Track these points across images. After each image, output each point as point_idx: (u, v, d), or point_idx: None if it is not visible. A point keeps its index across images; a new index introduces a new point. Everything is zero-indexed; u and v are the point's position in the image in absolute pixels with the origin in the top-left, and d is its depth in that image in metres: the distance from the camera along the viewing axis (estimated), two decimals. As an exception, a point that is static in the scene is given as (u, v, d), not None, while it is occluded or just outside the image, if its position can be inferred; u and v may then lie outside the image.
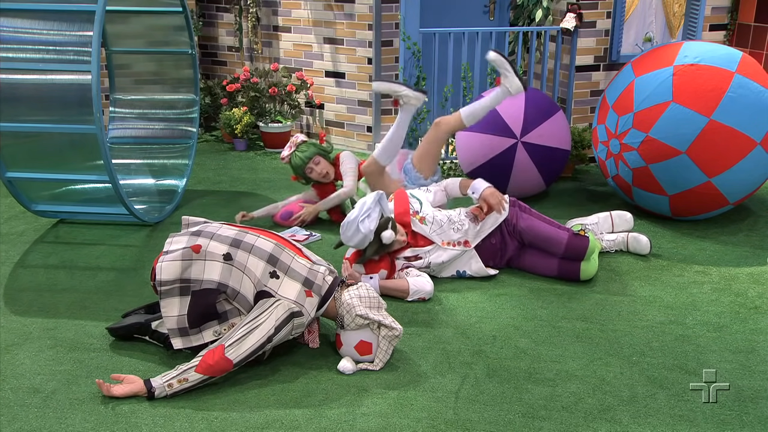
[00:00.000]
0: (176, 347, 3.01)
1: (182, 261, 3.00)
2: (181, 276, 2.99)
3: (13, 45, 4.06)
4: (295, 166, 4.56)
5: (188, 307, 2.98)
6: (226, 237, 3.06)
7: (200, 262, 2.99)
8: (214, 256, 3.00)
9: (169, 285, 2.99)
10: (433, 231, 3.78)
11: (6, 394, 2.86)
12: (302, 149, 4.53)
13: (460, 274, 3.85)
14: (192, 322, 2.98)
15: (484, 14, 6.32)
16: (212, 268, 2.98)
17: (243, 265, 2.99)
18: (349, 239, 3.58)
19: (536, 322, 3.43)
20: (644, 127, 4.33)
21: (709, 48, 4.42)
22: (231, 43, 6.84)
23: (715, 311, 3.53)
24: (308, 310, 2.98)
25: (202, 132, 6.82)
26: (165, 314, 3.00)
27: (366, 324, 2.99)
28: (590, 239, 3.76)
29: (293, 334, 2.97)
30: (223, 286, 2.98)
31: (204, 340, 3.00)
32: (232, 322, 3.01)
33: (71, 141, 4.33)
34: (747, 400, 2.82)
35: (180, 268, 2.99)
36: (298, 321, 2.94)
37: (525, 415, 2.73)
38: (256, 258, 3.01)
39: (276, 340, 2.90)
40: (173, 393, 2.81)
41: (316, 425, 2.67)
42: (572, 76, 5.62)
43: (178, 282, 2.99)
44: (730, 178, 4.27)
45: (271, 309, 2.91)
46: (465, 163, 5.01)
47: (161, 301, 3.01)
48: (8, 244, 4.35)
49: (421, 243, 3.77)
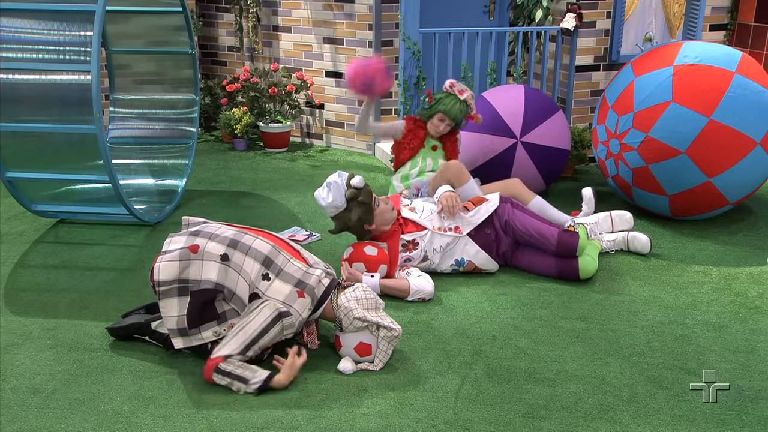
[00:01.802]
0: (177, 347, 3.02)
1: (180, 261, 3.00)
2: (179, 276, 2.99)
3: (13, 45, 4.06)
4: (456, 111, 4.40)
5: (187, 307, 2.98)
6: (224, 237, 3.06)
7: (198, 262, 3.00)
8: (211, 257, 3.00)
9: (167, 285, 2.99)
10: (424, 217, 3.84)
11: (6, 394, 2.86)
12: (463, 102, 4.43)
13: (459, 263, 3.86)
14: (191, 322, 2.98)
15: (484, 14, 6.32)
16: (209, 268, 2.99)
17: (239, 266, 3.00)
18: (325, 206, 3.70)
19: (536, 322, 3.43)
20: (644, 127, 4.33)
21: (709, 48, 4.42)
22: (231, 43, 6.84)
23: (715, 311, 3.53)
24: (298, 310, 2.97)
25: (202, 132, 6.82)
26: (164, 314, 3.00)
27: (365, 326, 2.99)
28: (580, 235, 3.77)
29: (285, 335, 2.97)
30: (220, 287, 2.98)
31: (204, 340, 3.01)
32: (231, 322, 3.01)
33: (71, 141, 4.33)
34: (747, 400, 2.82)
35: (178, 269, 2.99)
36: (287, 321, 2.93)
37: (525, 415, 2.73)
38: (252, 260, 3.01)
39: (265, 340, 2.90)
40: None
41: (316, 425, 2.67)
42: (572, 76, 5.62)
43: (177, 282, 2.99)
44: (730, 178, 4.27)
45: (258, 310, 2.92)
46: (465, 163, 4.98)
47: (160, 301, 3.01)
48: (8, 244, 4.35)
49: (413, 230, 3.82)
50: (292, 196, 5.16)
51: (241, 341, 2.87)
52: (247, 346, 2.88)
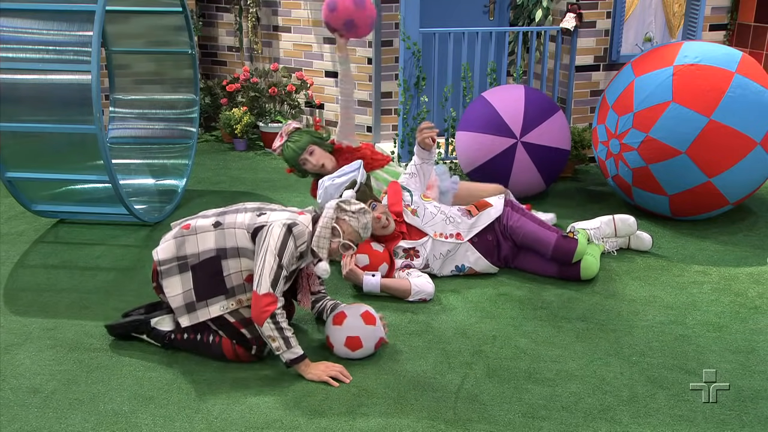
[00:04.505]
0: (183, 325, 3.04)
1: (175, 240, 3.08)
2: (177, 254, 3.05)
3: (13, 45, 4.06)
4: (288, 158, 4.14)
5: (192, 281, 3.03)
6: (212, 212, 3.17)
7: (192, 237, 3.06)
8: (204, 229, 3.06)
9: (167, 264, 3.05)
10: (425, 223, 3.81)
11: (6, 394, 2.87)
12: (294, 138, 4.11)
13: (460, 269, 3.86)
14: (199, 294, 3.02)
15: (484, 14, 6.32)
16: (205, 238, 3.05)
17: (232, 223, 3.04)
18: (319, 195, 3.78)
19: (536, 322, 3.43)
20: (644, 127, 4.33)
21: (709, 48, 4.42)
22: (231, 43, 6.84)
23: (715, 311, 3.53)
24: (304, 222, 3.00)
25: (202, 132, 6.82)
26: (169, 294, 3.04)
27: (328, 237, 3.02)
28: (579, 242, 3.75)
29: (299, 248, 2.95)
30: (221, 251, 3.02)
31: (210, 315, 3.03)
32: (239, 298, 3.04)
33: (71, 141, 4.33)
34: (747, 400, 2.82)
35: (174, 247, 3.06)
36: (297, 230, 2.94)
37: (525, 415, 2.74)
38: (243, 213, 3.08)
39: (287, 258, 2.90)
40: (279, 350, 2.91)
41: (316, 425, 2.67)
42: (572, 76, 5.62)
43: (176, 260, 3.05)
44: (730, 178, 4.27)
45: (268, 234, 2.93)
46: (465, 163, 5.01)
47: (163, 281, 3.05)
48: (8, 244, 4.35)
49: (415, 236, 3.78)
50: (292, 196, 5.16)
51: (267, 273, 2.87)
52: (277, 275, 2.88)
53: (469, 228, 3.84)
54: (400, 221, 3.80)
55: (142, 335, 3.21)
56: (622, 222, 4.19)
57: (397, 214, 3.80)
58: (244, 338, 3.02)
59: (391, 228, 3.75)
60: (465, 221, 3.85)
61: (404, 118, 5.58)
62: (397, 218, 3.79)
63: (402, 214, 3.81)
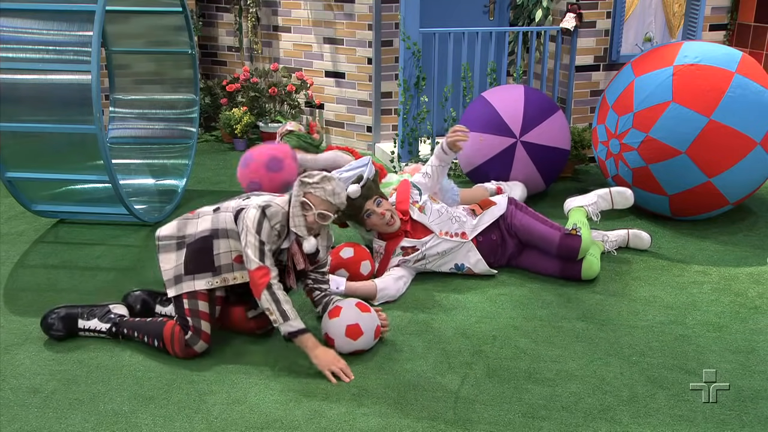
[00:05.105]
0: (170, 295, 3.14)
1: (178, 221, 3.25)
2: (178, 234, 3.20)
3: (13, 45, 4.06)
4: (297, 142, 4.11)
5: (185, 256, 3.15)
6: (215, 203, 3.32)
7: (194, 220, 3.22)
8: (205, 213, 3.23)
9: (167, 240, 3.20)
10: (432, 220, 3.80)
11: (6, 394, 2.87)
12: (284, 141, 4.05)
13: (459, 268, 3.85)
14: (189, 269, 3.13)
15: (484, 14, 6.32)
16: (204, 221, 3.19)
17: (227, 207, 3.18)
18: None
19: (536, 322, 3.43)
20: (644, 127, 4.33)
21: (709, 48, 4.42)
22: (231, 43, 6.84)
23: (715, 311, 3.53)
24: (279, 203, 3.10)
25: (202, 132, 6.82)
26: (163, 268, 3.18)
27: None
28: (583, 238, 3.75)
29: (274, 227, 3.04)
30: (214, 231, 3.14)
31: (195, 288, 3.11)
32: (224, 276, 3.14)
33: (71, 141, 4.33)
34: (747, 400, 2.83)
35: (176, 227, 3.22)
36: (270, 211, 3.04)
37: (525, 415, 2.74)
38: (236, 199, 3.22)
39: (265, 236, 3.00)
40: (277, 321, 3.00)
41: (316, 425, 2.68)
42: (572, 76, 5.62)
43: (175, 239, 3.20)
44: (730, 178, 4.27)
45: (245, 216, 3.05)
46: (465, 163, 5.01)
47: (159, 255, 3.20)
48: (8, 244, 4.35)
49: (420, 233, 3.77)
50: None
51: (252, 250, 2.99)
52: (261, 249, 2.99)
53: (474, 227, 3.84)
54: (406, 220, 3.79)
55: (87, 322, 3.26)
56: (619, 194, 4.18)
57: (404, 213, 3.79)
58: (187, 324, 3.10)
59: (396, 225, 3.74)
60: (470, 220, 3.85)
61: (404, 118, 5.58)
62: (403, 216, 3.78)
63: (408, 212, 3.81)
